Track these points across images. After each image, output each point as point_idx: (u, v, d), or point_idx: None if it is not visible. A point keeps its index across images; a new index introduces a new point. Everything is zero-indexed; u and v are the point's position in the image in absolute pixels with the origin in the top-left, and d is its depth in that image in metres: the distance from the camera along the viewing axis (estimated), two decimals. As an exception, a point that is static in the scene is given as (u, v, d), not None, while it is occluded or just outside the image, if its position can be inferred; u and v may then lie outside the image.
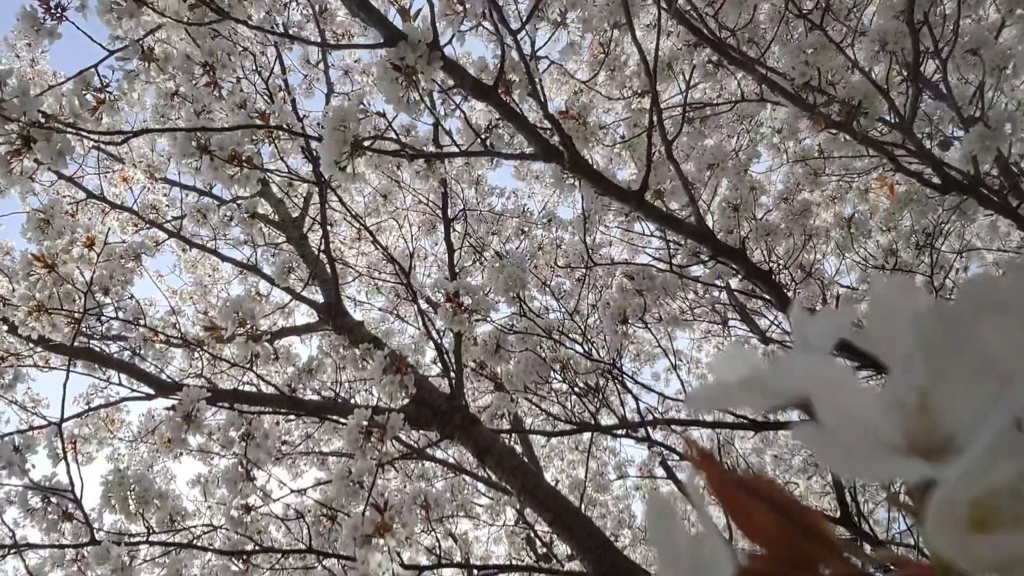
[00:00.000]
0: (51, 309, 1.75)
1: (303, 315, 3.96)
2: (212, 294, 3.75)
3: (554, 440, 4.83)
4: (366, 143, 1.30)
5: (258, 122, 1.53)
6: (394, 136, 1.46)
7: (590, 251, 2.36)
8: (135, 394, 2.80)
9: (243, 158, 1.55)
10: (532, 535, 4.20)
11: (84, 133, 1.26)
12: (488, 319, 2.19)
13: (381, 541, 1.39)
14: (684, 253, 2.65)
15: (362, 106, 1.21)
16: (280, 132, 1.57)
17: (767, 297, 2.92)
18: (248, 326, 1.76)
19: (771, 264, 2.54)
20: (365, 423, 1.89)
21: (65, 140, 1.15)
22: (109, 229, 2.20)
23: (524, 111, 1.50)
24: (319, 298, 3.13)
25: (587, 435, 4.54)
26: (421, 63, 1.22)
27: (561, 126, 1.38)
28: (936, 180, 1.87)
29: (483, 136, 1.57)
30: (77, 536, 1.87)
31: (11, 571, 3.97)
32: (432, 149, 1.97)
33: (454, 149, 1.73)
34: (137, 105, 1.62)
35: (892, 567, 0.19)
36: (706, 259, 2.02)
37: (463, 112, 1.50)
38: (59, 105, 1.22)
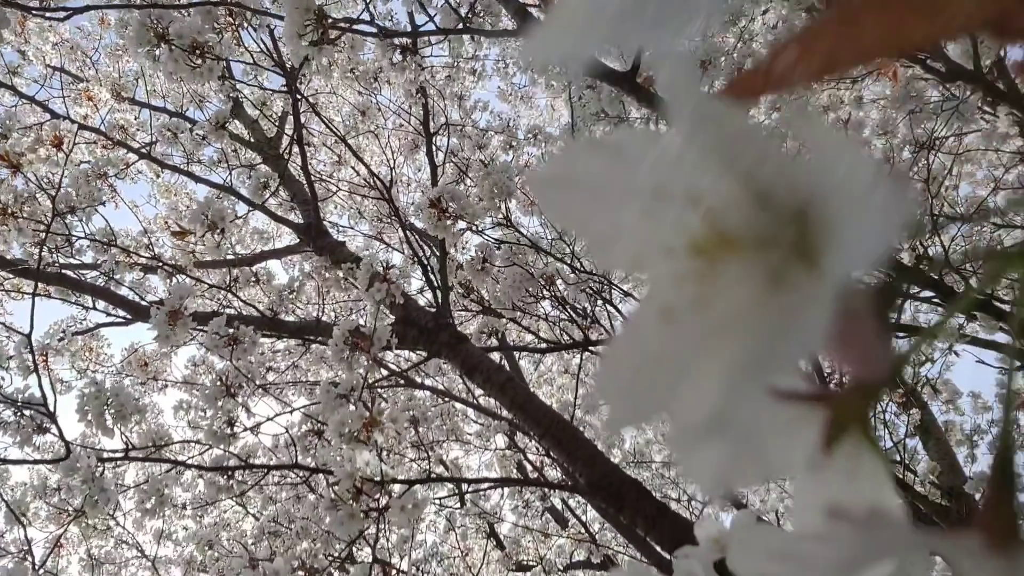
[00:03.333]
0: (17, 214, 1.65)
1: (283, 243, 3.86)
2: (187, 220, 3.64)
3: (543, 366, 4.81)
4: (335, 22, 1.20)
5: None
6: (368, 19, 1.35)
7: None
8: (112, 319, 2.73)
9: (205, 47, 1.44)
10: (523, 459, 4.21)
11: (21, 6, 1.15)
12: (474, 227, 2.11)
13: (368, 446, 1.34)
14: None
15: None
16: (243, 14, 1.46)
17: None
18: (219, 228, 1.68)
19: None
20: (350, 334, 1.83)
21: None
22: (78, 130, 2.08)
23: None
24: (299, 221, 3.04)
25: (576, 360, 4.52)
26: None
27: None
28: (941, 68, 1.79)
29: (465, 19, 1.47)
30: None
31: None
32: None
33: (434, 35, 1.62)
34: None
35: None
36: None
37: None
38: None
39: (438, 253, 2.56)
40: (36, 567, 1.40)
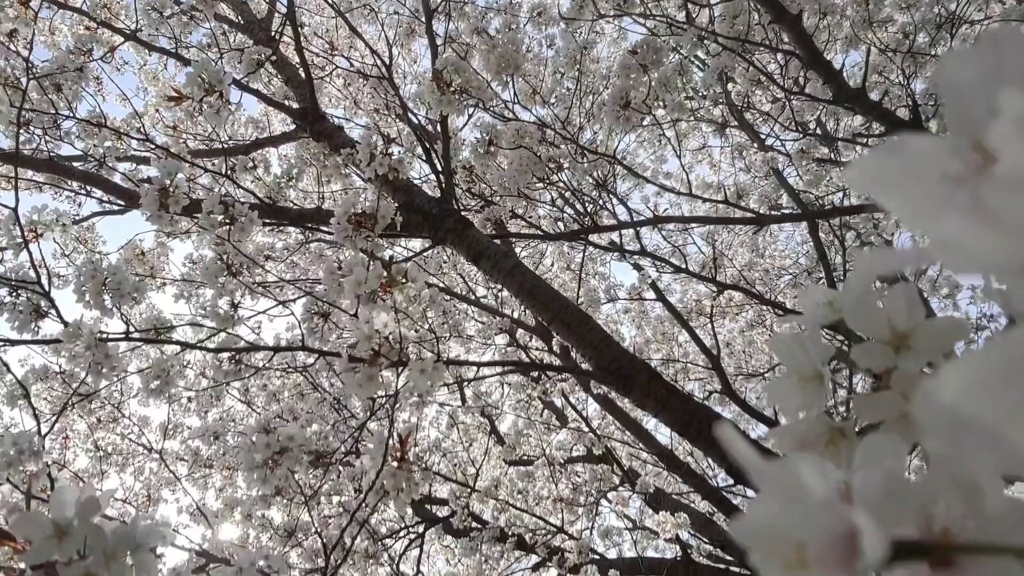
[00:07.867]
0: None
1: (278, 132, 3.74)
2: (178, 108, 3.51)
3: (543, 266, 4.78)
4: None
5: None
6: None
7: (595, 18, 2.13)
8: (107, 208, 2.65)
9: None
10: (524, 356, 4.22)
11: None
12: (480, 103, 2.02)
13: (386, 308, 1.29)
14: (688, 40, 2.46)
15: None
16: None
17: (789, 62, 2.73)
18: (217, 91, 1.58)
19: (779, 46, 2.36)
20: (353, 213, 1.76)
21: None
22: (60, 10, 1.95)
23: None
24: (294, 106, 2.92)
25: (579, 258, 4.48)
26: None
27: None
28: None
29: None
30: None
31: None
32: None
33: None
34: None
35: None
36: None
37: None
38: None
39: (440, 141, 2.46)
40: (42, 435, 1.38)
